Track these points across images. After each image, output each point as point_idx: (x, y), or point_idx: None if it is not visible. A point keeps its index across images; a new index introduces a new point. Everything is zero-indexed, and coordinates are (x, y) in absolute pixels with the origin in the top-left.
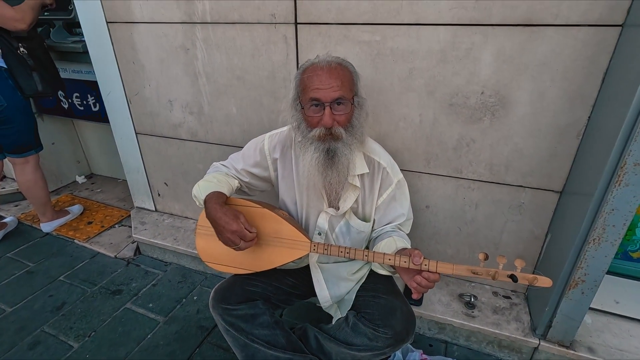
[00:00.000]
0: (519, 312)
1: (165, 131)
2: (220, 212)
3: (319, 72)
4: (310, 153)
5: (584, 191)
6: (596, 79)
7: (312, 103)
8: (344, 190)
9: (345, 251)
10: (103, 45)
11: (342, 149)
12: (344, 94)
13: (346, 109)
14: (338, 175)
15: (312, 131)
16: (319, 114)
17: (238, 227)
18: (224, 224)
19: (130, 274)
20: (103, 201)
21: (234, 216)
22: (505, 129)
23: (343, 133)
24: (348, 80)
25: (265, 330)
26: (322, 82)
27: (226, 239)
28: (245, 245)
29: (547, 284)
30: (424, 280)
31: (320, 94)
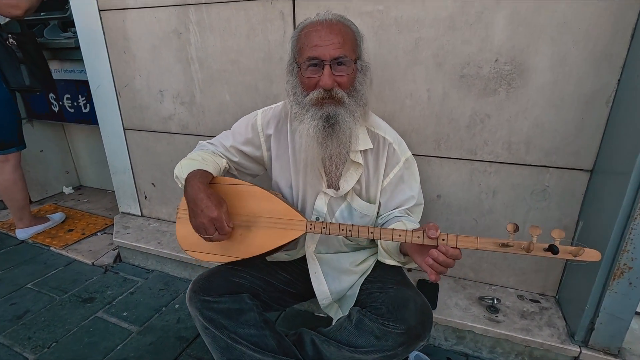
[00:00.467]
0: (551, 317)
1: (154, 125)
2: (203, 193)
3: (318, 27)
4: (307, 122)
5: (620, 169)
6: (624, 36)
7: (310, 63)
8: (345, 169)
9: (347, 229)
10: (95, 36)
11: (344, 115)
12: (346, 53)
13: (348, 70)
14: (339, 146)
15: (308, 95)
16: (317, 74)
17: (219, 215)
18: (204, 207)
19: (107, 282)
20: (88, 210)
21: (217, 202)
22: (523, 101)
23: (345, 96)
24: (350, 39)
25: (251, 329)
26: (322, 39)
27: (199, 224)
28: (217, 238)
29: (594, 257)
30: (441, 255)
31: (319, 52)
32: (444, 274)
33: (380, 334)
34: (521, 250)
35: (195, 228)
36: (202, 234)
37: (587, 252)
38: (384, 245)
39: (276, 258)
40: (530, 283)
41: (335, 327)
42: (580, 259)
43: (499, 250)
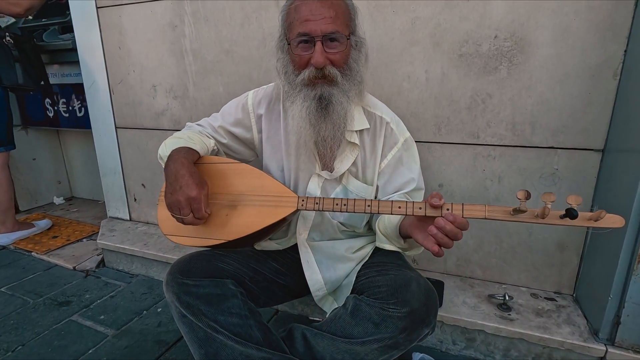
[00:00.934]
0: (569, 315)
1: (146, 122)
2: (186, 169)
3: (308, 0)
4: (299, 103)
5: (634, 146)
6: (628, 4)
7: (301, 39)
8: (340, 150)
9: (341, 203)
10: (91, 32)
11: (337, 95)
12: (339, 28)
13: (341, 47)
14: (333, 128)
15: (300, 74)
16: (308, 51)
17: (198, 195)
18: (184, 184)
19: (87, 286)
20: (77, 219)
21: (199, 181)
22: (526, 78)
23: (338, 75)
24: (343, 13)
25: (234, 317)
26: (312, 12)
27: (175, 201)
28: (190, 221)
29: (617, 222)
30: (448, 224)
31: (309, 27)
32: (448, 248)
33: (379, 319)
34: (535, 218)
35: (169, 205)
36: (176, 214)
37: (608, 217)
38: (382, 229)
39: (266, 247)
40: (544, 280)
41: (329, 318)
42: (602, 225)
43: (509, 219)
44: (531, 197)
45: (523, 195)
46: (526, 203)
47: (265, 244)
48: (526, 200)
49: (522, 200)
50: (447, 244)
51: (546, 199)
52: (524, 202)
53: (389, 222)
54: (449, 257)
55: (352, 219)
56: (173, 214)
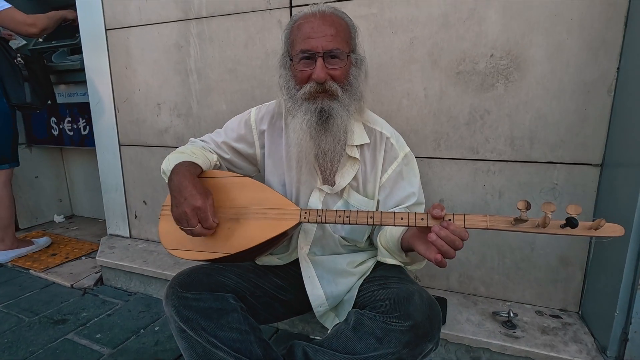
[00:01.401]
0: (576, 332)
1: (150, 139)
2: (189, 181)
3: (310, 19)
4: (300, 116)
5: (632, 161)
6: (618, 23)
7: (303, 55)
8: (341, 164)
9: (344, 215)
10: (99, 53)
11: (337, 109)
12: (339, 46)
13: (342, 63)
14: (333, 141)
15: (301, 89)
16: (309, 67)
17: (203, 204)
18: (189, 195)
19: (84, 304)
20: (76, 237)
21: (203, 191)
22: (522, 94)
23: (338, 90)
24: (344, 31)
25: (234, 332)
26: (314, 30)
27: (181, 214)
28: (199, 231)
29: (617, 231)
30: (443, 230)
31: (311, 44)
32: (450, 257)
33: (381, 334)
34: (536, 227)
35: (176, 218)
36: (184, 226)
37: (608, 226)
38: (383, 243)
39: (267, 262)
40: (548, 297)
41: (331, 334)
42: (602, 234)
43: (511, 229)
44: (531, 207)
45: (523, 205)
46: (527, 214)
47: (266, 258)
48: (526, 211)
49: (523, 211)
50: (448, 252)
51: (546, 209)
52: (525, 212)
53: (390, 236)
54: (451, 274)
55: (353, 233)
56: (181, 227)
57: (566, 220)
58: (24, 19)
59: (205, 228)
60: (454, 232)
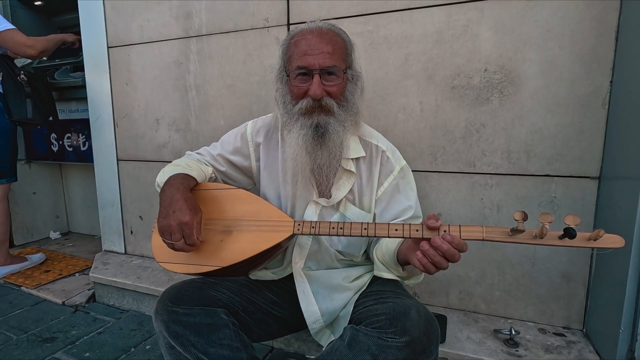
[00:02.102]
0: (581, 351)
1: (148, 154)
2: (181, 194)
3: (307, 36)
4: (296, 131)
5: (629, 174)
6: (608, 38)
7: (299, 72)
8: (337, 177)
9: (337, 227)
10: (100, 70)
11: (333, 124)
12: (336, 63)
13: (338, 80)
14: (329, 156)
15: (297, 104)
16: (306, 83)
17: (190, 220)
18: (177, 209)
19: (74, 322)
20: (71, 253)
21: (193, 207)
22: (517, 108)
23: (335, 105)
24: (341, 48)
25: (224, 349)
26: (311, 47)
27: (166, 226)
28: (181, 247)
29: (618, 242)
30: (430, 249)
31: (308, 61)
32: (442, 269)
33: (377, 350)
34: (533, 239)
35: (161, 229)
36: (167, 239)
37: (607, 236)
38: (379, 257)
39: (261, 277)
40: (551, 314)
41: (326, 351)
42: (602, 245)
43: (508, 240)
44: (528, 218)
45: (520, 216)
46: (524, 226)
47: (260, 273)
48: (523, 222)
49: (520, 222)
50: (439, 263)
51: (544, 220)
52: (522, 223)
53: (386, 249)
54: (451, 290)
55: (350, 247)
56: (164, 239)
57: (564, 231)
58: (23, 41)
59: (187, 244)
60: (457, 246)
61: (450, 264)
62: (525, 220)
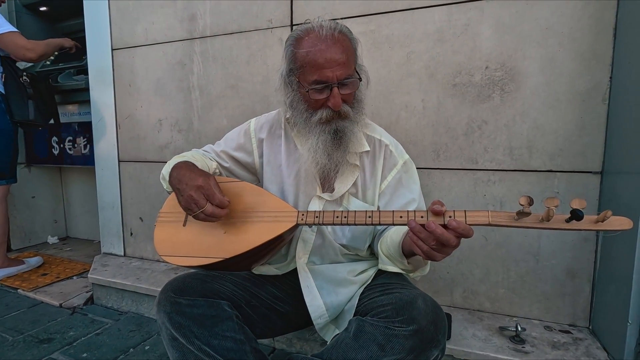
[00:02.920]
0: (588, 347)
1: (150, 155)
2: (187, 169)
3: (321, 46)
4: (315, 137)
5: (631, 168)
6: (607, 35)
7: (317, 86)
8: (341, 171)
9: (342, 215)
10: (104, 72)
11: (350, 127)
12: (350, 72)
13: (354, 87)
14: (344, 154)
15: (315, 114)
16: (324, 94)
17: (204, 182)
18: (188, 179)
19: (72, 323)
20: (69, 257)
21: (203, 173)
22: (519, 104)
23: (350, 111)
24: (352, 52)
25: (228, 342)
26: (327, 60)
27: (188, 199)
28: (211, 210)
29: (625, 224)
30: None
31: (326, 75)
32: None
33: (384, 340)
34: (539, 222)
35: (185, 207)
36: (194, 210)
37: (615, 218)
38: (384, 250)
39: (264, 272)
40: (557, 312)
41: (331, 345)
42: (609, 228)
43: (514, 224)
44: (534, 203)
45: (526, 200)
46: (529, 208)
47: (263, 268)
48: (529, 206)
49: (525, 206)
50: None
51: (549, 204)
52: (527, 207)
53: (391, 241)
54: (455, 289)
55: (354, 241)
56: (194, 215)
57: (571, 213)
58: (24, 44)
59: (216, 206)
60: (463, 231)
61: (455, 264)
62: (530, 205)
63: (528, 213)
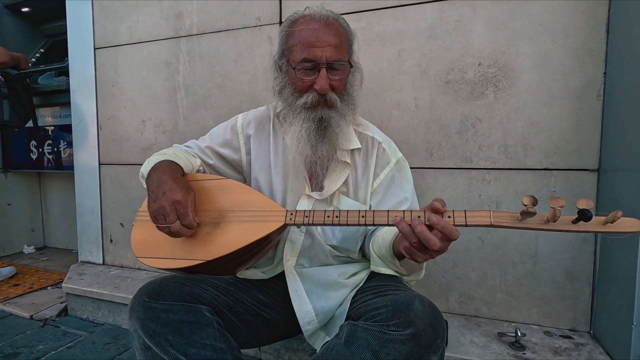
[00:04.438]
0: (590, 353)
1: (132, 157)
2: (169, 176)
3: (314, 25)
4: (299, 124)
5: (629, 166)
6: (600, 31)
7: (305, 65)
8: (331, 169)
9: (333, 215)
10: (86, 72)
11: (336, 118)
12: (342, 56)
13: (343, 74)
14: (330, 148)
15: (301, 98)
16: (311, 76)
17: (183, 198)
18: (168, 189)
19: (42, 336)
20: (45, 267)
21: (184, 187)
22: (513, 101)
23: (338, 101)
24: (346, 40)
25: (207, 351)
26: (319, 39)
27: (159, 209)
28: (177, 229)
29: (636, 226)
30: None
31: (315, 54)
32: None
33: (378, 346)
34: (545, 223)
35: (153, 214)
36: (161, 223)
37: (624, 220)
38: (376, 250)
39: (249, 276)
40: (556, 316)
41: (320, 353)
42: (619, 230)
43: (517, 225)
44: (537, 203)
45: (529, 200)
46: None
47: (249, 272)
48: (533, 206)
49: (529, 205)
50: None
51: (555, 204)
52: (532, 207)
53: (382, 241)
54: (450, 294)
55: (345, 242)
56: (158, 225)
57: (578, 214)
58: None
59: (184, 226)
60: (449, 234)
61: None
62: (534, 205)
63: (533, 213)
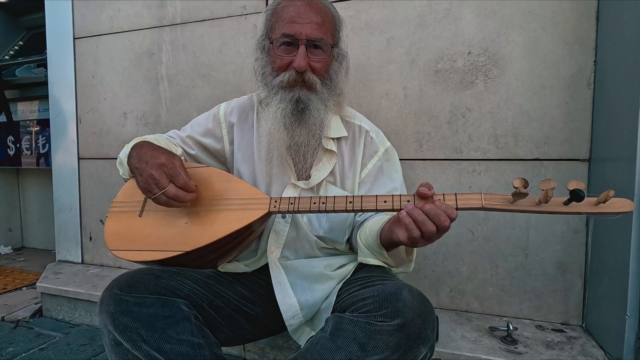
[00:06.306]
0: (583, 346)
1: (113, 151)
2: (149, 148)
3: (296, 2)
4: (274, 104)
5: (620, 155)
6: (589, 19)
7: (284, 40)
8: (317, 158)
9: (319, 201)
10: (64, 62)
11: (315, 102)
12: (324, 36)
13: (324, 55)
14: (308, 134)
15: (278, 76)
16: (290, 54)
17: (168, 160)
18: (150, 157)
19: (13, 338)
20: (22, 268)
21: (167, 152)
22: (503, 91)
23: (318, 82)
24: (330, 22)
25: (183, 346)
26: (300, 15)
27: (148, 178)
28: (174, 193)
29: (627, 206)
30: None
31: (295, 29)
32: (429, 234)
33: (365, 338)
34: (536, 205)
35: (143, 187)
36: (154, 191)
37: (615, 200)
38: (363, 240)
39: (231, 269)
40: (548, 310)
41: (305, 347)
42: (611, 210)
43: (509, 207)
44: (529, 185)
45: (520, 183)
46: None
47: (230, 265)
48: (524, 189)
49: (520, 187)
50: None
51: (545, 186)
52: (523, 188)
53: (370, 231)
54: (441, 289)
55: (332, 232)
56: (154, 198)
57: (570, 194)
58: None
59: (180, 188)
60: (439, 207)
61: (440, 261)
62: (526, 188)
63: (525, 194)
